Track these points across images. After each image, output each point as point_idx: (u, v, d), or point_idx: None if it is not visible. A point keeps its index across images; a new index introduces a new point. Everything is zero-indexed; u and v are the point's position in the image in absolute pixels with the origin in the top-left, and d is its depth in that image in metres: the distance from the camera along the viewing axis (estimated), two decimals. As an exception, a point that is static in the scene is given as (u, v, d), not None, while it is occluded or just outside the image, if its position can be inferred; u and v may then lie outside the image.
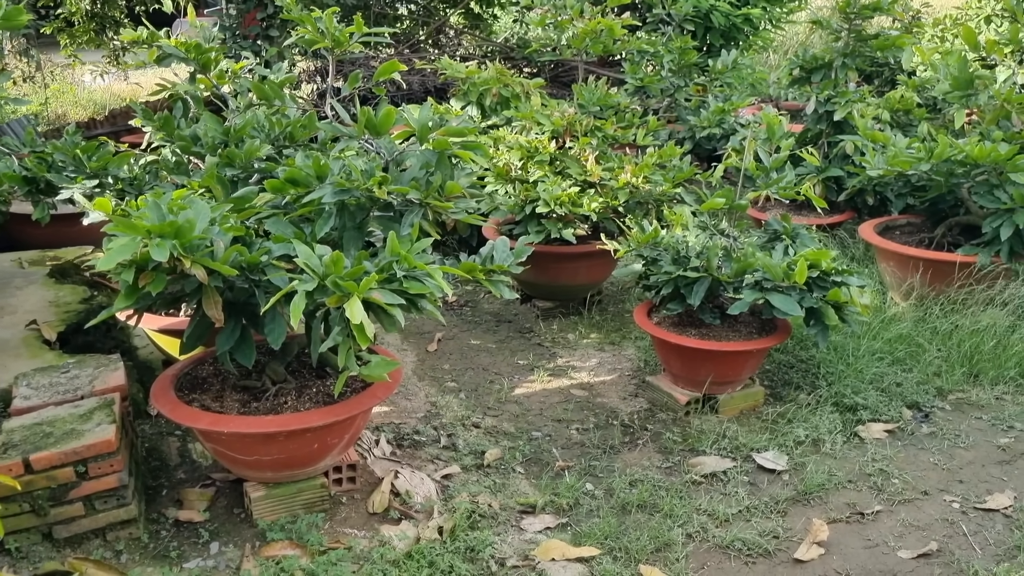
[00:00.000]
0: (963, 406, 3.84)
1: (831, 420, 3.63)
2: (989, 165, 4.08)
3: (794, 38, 10.54)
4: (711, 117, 5.77)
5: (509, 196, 4.55)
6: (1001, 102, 4.44)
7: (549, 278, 4.77)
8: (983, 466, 3.40)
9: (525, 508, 3.12)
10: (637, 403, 3.92)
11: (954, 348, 4.09)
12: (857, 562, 2.85)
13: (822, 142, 5.44)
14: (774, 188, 3.64)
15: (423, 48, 9.21)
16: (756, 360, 3.74)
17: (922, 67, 6.31)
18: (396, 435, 3.57)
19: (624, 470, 3.35)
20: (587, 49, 4.72)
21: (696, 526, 3.00)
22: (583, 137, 4.53)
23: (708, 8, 7.01)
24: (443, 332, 4.70)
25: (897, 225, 4.97)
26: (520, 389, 4.08)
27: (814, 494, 3.20)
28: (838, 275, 3.50)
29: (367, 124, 2.81)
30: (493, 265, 2.96)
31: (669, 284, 3.67)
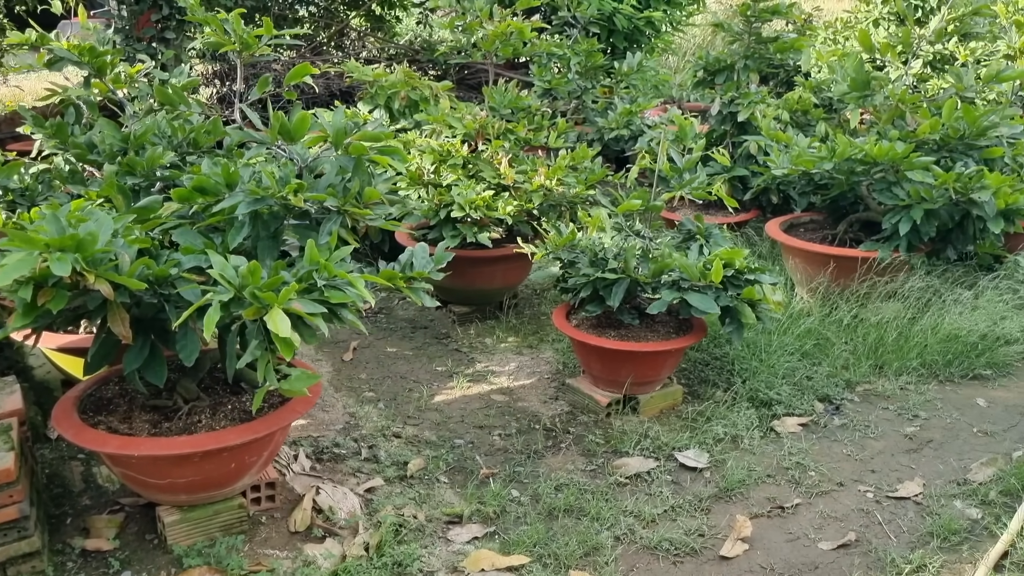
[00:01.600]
0: (871, 397, 3.97)
1: (748, 416, 3.70)
2: (887, 163, 4.23)
3: (692, 41, 10.76)
4: (619, 119, 5.83)
5: (423, 201, 4.49)
6: (896, 102, 4.62)
7: (465, 282, 4.72)
8: (892, 455, 3.52)
9: (451, 518, 3.07)
10: (558, 406, 3.91)
11: (860, 341, 4.23)
12: (780, 556, 2.90)
13: (727, 142, 5.56)
14: (687, 188, 3.69)
15: (326, 51, 9.03)
16: (675, 359, 3.78)
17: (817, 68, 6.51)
18: (315, 449, 3.47)
19: (549, 475, 3.34)
20: (497, 52, 4.70)
21: (623, 528, 3.01)
22: (496, 140, 4.50)
23: (611, 11, 7.08)
24: (358, 340, 4.60)
25: (801, 222, 5.11)
26: (440, 396, 4.02)
27: (735, 490, 3.25)
28: (751, 273, 3.57)
29: (281, 129, 2.71)
30: (413, 272, 2.91)
31: (588, 286, 3.67)
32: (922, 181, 4.15)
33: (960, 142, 4.42)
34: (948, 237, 4.45)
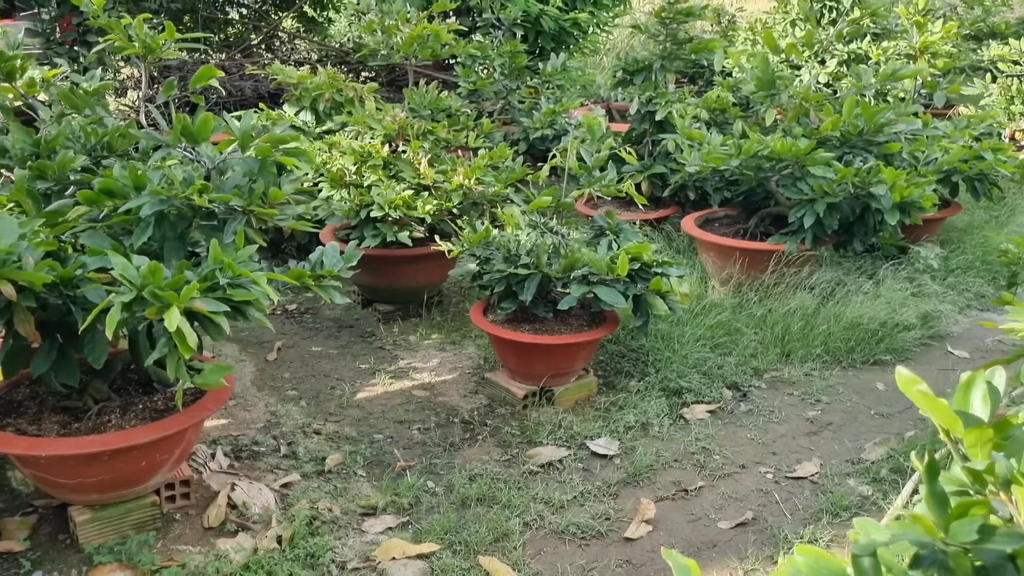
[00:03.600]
0: (777, 384, 4.14)
1: (659, 404, 3.83)
2: (791, 159, 4.41)
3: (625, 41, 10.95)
4: (543, 118, 5.95)
5: (344, 201, 4.55)
6: (800, 100, 4.81)
7: (388, 281, 4.80)
8: (794, 438, 3.68)
9: (366, 510, 3.14)
10: (477, 400, 4.01)
11: (768, 331, 4.40)
12: (682, 536, 3.03)
13: (646, 140, 5.71)
14: (597, 186, 3.81)
15: (257, 53, 9.00)
16: (588, 351, 3.90)
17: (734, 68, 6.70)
18: (234, 447, 3.51)
19: (464, 466, 3.43)
20: (416, 54, 4.78)
21: (533, 514, 3.11)
22: (415, 141, 4.58)
23: (538, 13, 7.21)
24: (283, 341, 4.65)
25: (716, 217, 5.28)
26: (362, 393, 4.09)
27: (643, 475, 3.38)
28: (659, 266, 3.71)
29: (183, 131, 2.76)
30: (323, 270, 2.98)
31: (501, 282, 3.77)
32: (824, 176, 4.33)
33: (860, 138, 4.62)
34: (851, 229, 4.65)
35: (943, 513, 1.06)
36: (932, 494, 1.08)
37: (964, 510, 1.03)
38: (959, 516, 1.03)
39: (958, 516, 1.03)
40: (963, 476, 1.15)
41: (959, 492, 1.12)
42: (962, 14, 9.10)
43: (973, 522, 1.00)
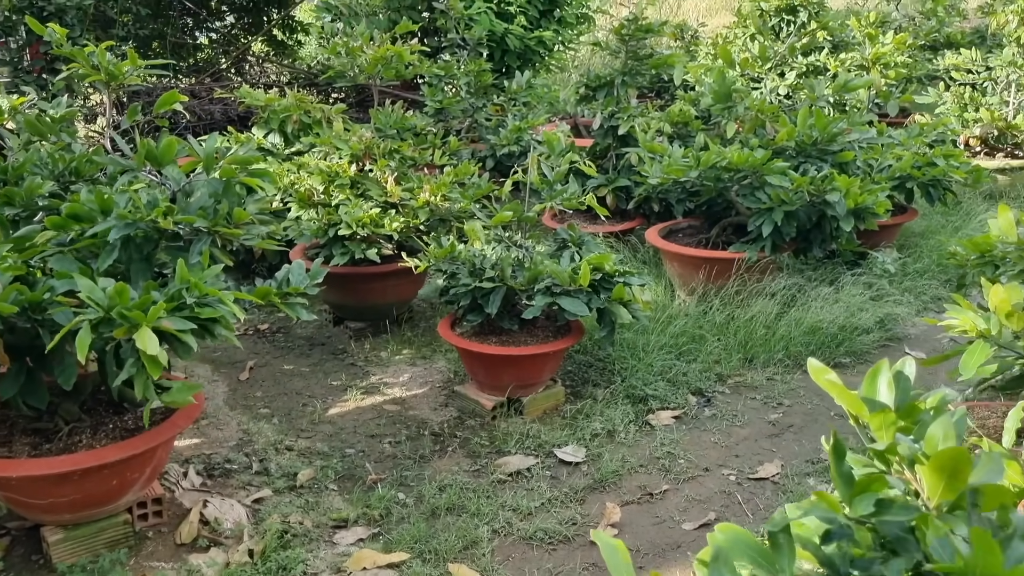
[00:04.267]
0: (740, 388, 4.24)
1: (625, 411, 3.92)
2: (749, 169, 4.53)
3: (592, 58, 11.10)
4: (509, 135, 6.05)
5: (312, 221, 4.62)
6: (756, 112, 4.94)
7: (359, 299, 4.86)
8: (756, 440, 3.78)
9: (338, 523, 3.20)
10: (447, 412, 4.08)
11: (731, 337, 4.50)
12: (647, 538, 3.11)
13: (610, 154, 5.82)
14: (559, 199, 3.90)
15: (226, 76, 9.07)
16: (555, 362, 3.99)
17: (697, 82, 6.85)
18: (206, 466, 3.56)
19: (434, 476, 3.49)
20: (380, 74, 4.87)
21: (502, 522, 3.18)
22: (382, 160, 4.67)
23: (503, 32, 7.33)
24: (255, 360, 4.70)
25: (680, 228, 5.39)
26: (334, 409, 4.14)
27: (609, 480, 3.46)
28: (621, 276, 3.80)
29: (148, 156, 2.83)
30: (289, 288, 3.04)
31: (467, 296, 3.85)
32: (780, 185, 4.46)
33: (814, 148, 4.75)
34: (810, 236, 4.78)
35: (849, 491, 1.15)
36: (839, 473, 1.17)
37: (865, 486, 1.11)
38: (860, 492, 1.11)
39: (859, 492, 1.11)
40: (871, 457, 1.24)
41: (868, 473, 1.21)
42: (919, 24, 9.33)
43: (871, 496, 1.09)
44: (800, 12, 7.78)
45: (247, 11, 9.52)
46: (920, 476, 1.20)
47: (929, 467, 1.15)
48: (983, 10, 9.61)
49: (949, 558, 0.95)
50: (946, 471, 1.14)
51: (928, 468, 1.16)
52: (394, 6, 7.47)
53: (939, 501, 1.17)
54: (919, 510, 1.06)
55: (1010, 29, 7.12)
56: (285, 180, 4.78)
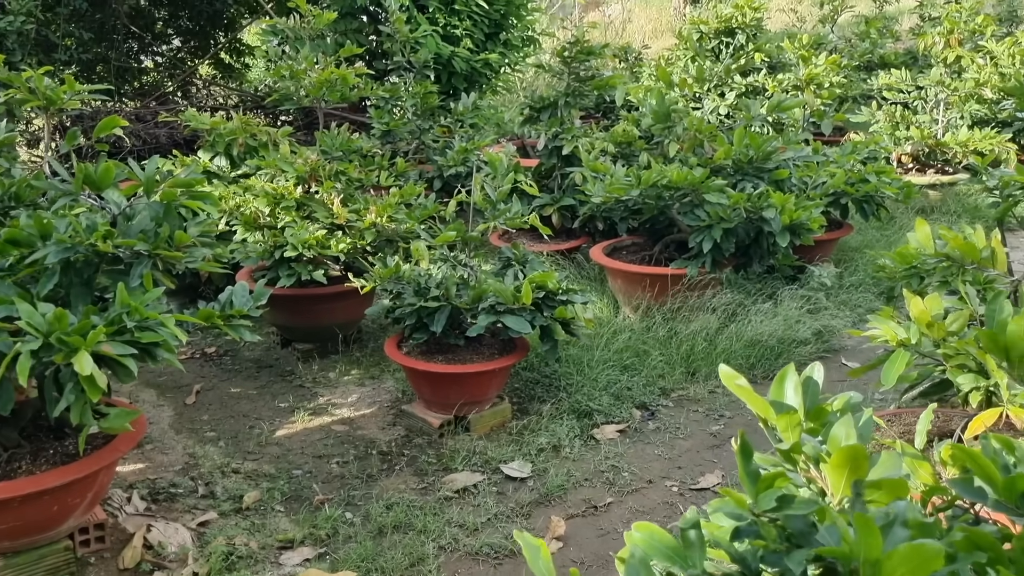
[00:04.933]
0: (683, 401, 4.33)
1: (570, 426, 3.98)
2: (688, 187, 4.65)
3: (537, 79, 11.25)
4: (456, 156, 6.11)
5: (259, 243, 4.63)
6: (694, 132, 5.08)
7: (306, 320, 4.87)
8: (698, 452, 3.86)
9: (284, 544, 3.20)
10: (395, 431, 4.10)
11: (674, 351, 4.60)
12: (591, 550, 3.17)
13: (555, 174, 5.92)
14: (502, 219, 3.97)
15: (172, 100, 9.03)
16: (500, 379, 4.04)
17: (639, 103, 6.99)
18: (151, 490, 3.54)
19: (381, 495, 3.51)
20: (325, 97, 4.91)
21: (448, 538, 3.21)
22: (327, 181, 4.70)
23: (449, 55, 7.41)
24: (202, 384, 4.67)
25: (624, 246, 5.50)
26: (281, 431, 4.14)
27: (555, 495, 3.51)
28: (564, 294, 3.87)
29: (86, 179, 2.83)
30: (233, 310, 3.06)
31: (413, 315, 3.89)
32: (718, 202, 4.58)
33: (751, 166, 4.90)
34: (749, 252, 4.91)
35: (754, 488, 1.21)
36: (747, 473, 1.23)
37: (769, 483, 1.18)
38: (765, 489, 1.18)
39: (764, 489, 1.18)
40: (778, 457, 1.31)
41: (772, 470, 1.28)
42: (854, 46, 9.63)
43: (774, 492, 1.16)
44: (738, 34, 8.01)
45: (194, 34, 9.49)
46: (824, 473, 1.27)
47: (831, 464, 1.23)
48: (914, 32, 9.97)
49: (836, 543, 1.02)
50: (846, 467, 1.21)
51: (830, 465, 1.23)
52: (341, 29, 7.52)
53: (841, 496, 1.24)
54: (818, 503, 1.13)
55: (937, 50, 7.40)
56: (231, 203, 4.78)
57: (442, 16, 7.50)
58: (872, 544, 0.95)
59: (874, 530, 0.95)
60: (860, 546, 0.96)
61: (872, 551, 0.95)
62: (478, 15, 7.69)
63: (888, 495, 1.22)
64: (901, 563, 0.94)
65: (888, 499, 1.23)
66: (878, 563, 0.95)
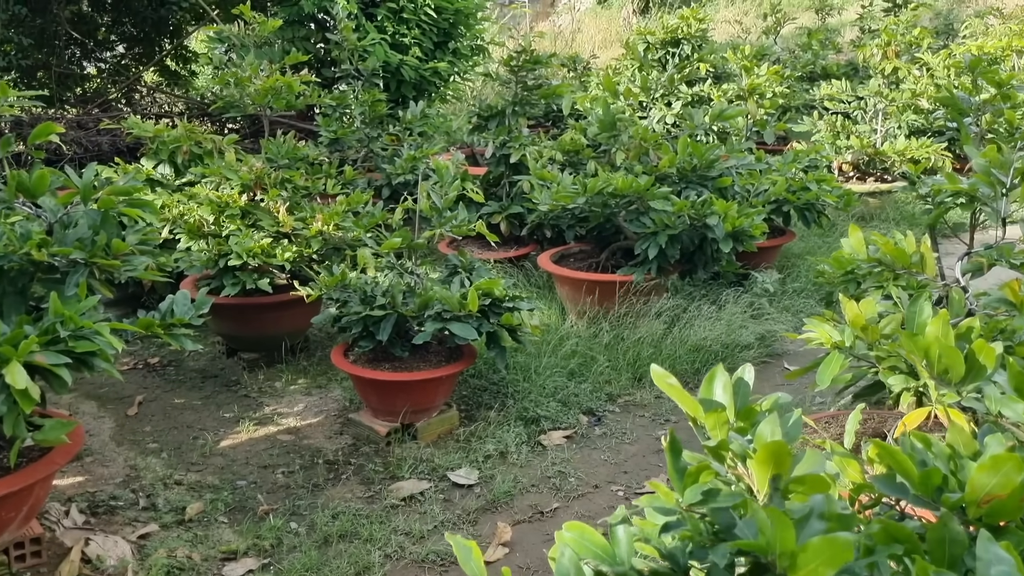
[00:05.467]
0: (630, 407, 4.37)
1: (517, 433, 3.99)
2: (634, 195, 4.71)
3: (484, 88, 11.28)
4: (404, 164, 6.10)
5: (203, 252, 4.57)
6: (639, 140, 5.14)
7: (252, 329, 4.82)
8: (644, 456, 3.90)
9: (227, 555, 3.16)
10: (342, 440, 4.08)
11: (621, 357, 4.64)
12: (537, 555, 3.18)
13: (504, 182, 5.95)
14: (448, 227, 3.98)
15: (116, 107, 8.88)
16: (448, 386, 4.04)
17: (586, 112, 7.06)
18: (90, 503, 3.47)
19: (327, 505, 3.49)
20: (271, 104, 4.88)
21: (394, 546, 3.20)
22: (273, 189, 4.66)
23: (398, 63, 7.41)
24: (145, 395, 4.60)
25: (571, 253, 5.54)
26: (226, 442, 4.09)
27: (501, 501, 3.52)
28: (510, 301, 3.89)
29: (19, 187, 2.78)
30: (173, 319, 3.02)
31: (359, 323, 3.88)
32: (663, 210, 4.64)
33: (694, 174, 4.97)
34: (694, 259, 4.98)
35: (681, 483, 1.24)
36: (675, 469, 1.26)
37: (695, 477, 1.21)
38: (691, 483, 1.21)
39: (690, 483, 1.20)
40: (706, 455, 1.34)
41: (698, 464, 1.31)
42: (796, 57, 9.83)
43: (700, 487, 1.18)
44: (684, 45, 8.14)
45: (138, 41, 9.35)
46: (750, 470, 1.30)
47: (756, 460, 1.26)
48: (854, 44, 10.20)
49: (753, 536, 1.05)
50: (771, 463, 1.24)
51: (755, 461, 1.26)
52: (288, 37, 7.47)
53: (767, 491, 1.27)
54: (741, 496, 1.16)
55: (875, 62, 7.59)
56: (175, 211, 4.72)
57: (391, 24, 7.50)
58: (786, 536, 0.97)
59: (788, 523, 0.98)
60: (776, 539, 0.98)
61: (787, 543, 0.98)
62: (427, 24, 7.71)
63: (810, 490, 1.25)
64: (815, 555, 0.97)
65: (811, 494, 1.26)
66: (793, 555, 0.98)
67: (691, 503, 1.17)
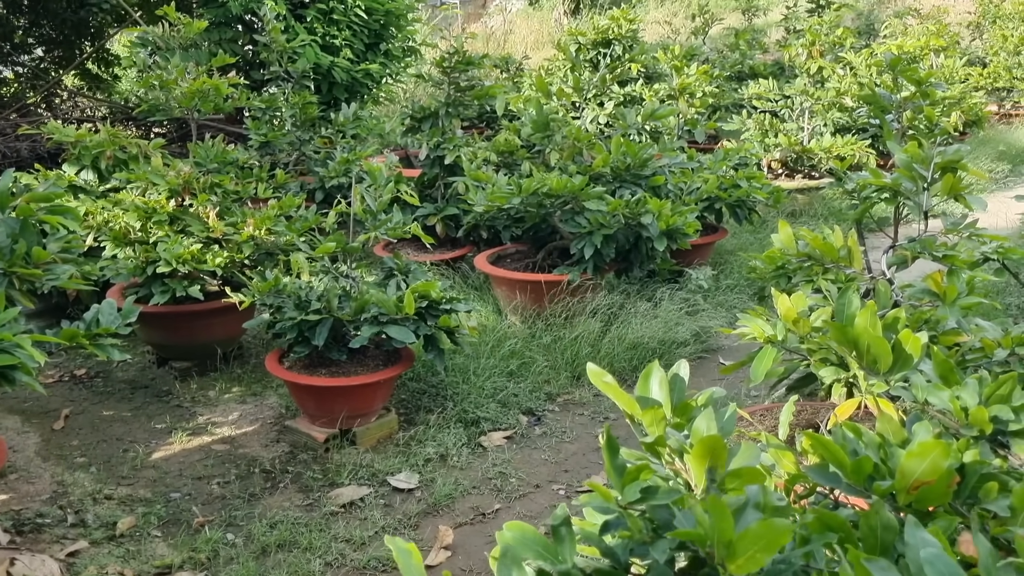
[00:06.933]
0: (569, 406, 4.39)
1: (457, 435, 3.97)
2: (569, 195, 4.73)
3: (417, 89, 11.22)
4: (338, 168, 6.03)
5: (129, 259, 4.45)
6: (573, 140, 5.17)
7: (183, 337, 4.71)
8: (584, 455, 3.92)
9: (161, 570, 3.08)
10: (279, 448, 4.01)
11: (559, 356, 4.66)
12: (479, 557, 3.17)
13: (439, 184, 5.92)
14: (382, 229, 3.94)
15: (35, 112, 8.59)
16: (386, 390, 4.00)
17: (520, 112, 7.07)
18: (15, 522, 3.35)
19: (265, 514, 3.43)
20: (198, 108, 4.77)
21: (335, 554, 3.16)
22: (202, 194, 4.56)
23: (329, 65, 7.32)
24: (71, 408, 4.46)
25: (508, 254, 5.54)
26: (158, 453, 3.99)
27: (442, 504, 3.50)
28: (447, 303, 3.87)
29: (-68, 195, 2.67)
30: (99, 328, 2.93)
31: (294, 328, 3.82)
32: (598, 209, 4.67)
33: (628, 173, 5.02)
34: (629, 257, 5.02)
35: (620, 481, 1.24)
36: (613, 467, 1.26)
37: (635, 476, 1.21)
38: (630, 481, 1.21)
39: (629, 481, 1.21)
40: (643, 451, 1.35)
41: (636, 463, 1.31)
42: (725, 57, 10.01)
43: (639, 484, 1.18)
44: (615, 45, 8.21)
45: (58, 44, 9.06)
46: (688, 465, 1.31)
47: (693, 455, 1.27)
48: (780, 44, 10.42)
49: (691, 526, 1.05)
50: (706, 457, 1.25)
51: (692, 456, 1.27)
52: (214, 39, 7.32)
53: (704, 485, 1.28)
54: (679, 492, 1.16)
55: (800, 61, 7.77)
56: (99, 218, 4.59)
57: (320, 26, 7.40)
58: (724, 525, 0.98)
59: (725, 511, 0.98)
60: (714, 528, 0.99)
61: (725, 532, 0.98)
62: (357, 25, 7.63)
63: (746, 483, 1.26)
64: (753, 541, 0.98)
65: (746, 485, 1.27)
66: (731, 543, 0.99)
67: (630, 501, 1.17)
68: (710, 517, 0.99)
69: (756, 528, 0.97)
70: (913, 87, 4.04)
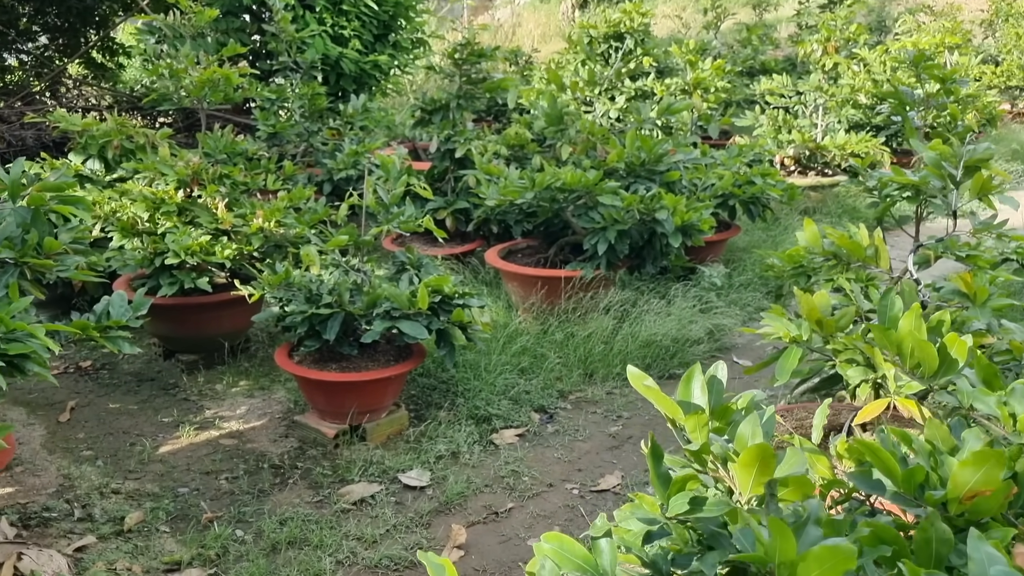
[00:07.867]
0: (581, 403, 4.33)
1: (468, 432, 3.92)
2: (582, 189, 4.67)
3: (428, 81, 11.16)
4: (346, 159, 5.97)
5: (137, 250, 4.40)
6: (587, 135, 5.10)
7: (190, 330, 4.66)
8: (597, 453, 3.86)
9: (170, 566, 3.03)
10: (288, 443, 3.95)
11: (571, 353, 4.60)
12: (493, 557, 3.12)
13: (449, 177, 5.86)
14: (395, 223, 3.88)
15: (40, 100, 8.53)
16: (397, 386, 3.94)
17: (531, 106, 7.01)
18: (22, 515, 3.30)
19: (274, 511, 3.37)
20: (207, 98, 4.71)
21: (346, 552, 3.11)
22: (211, 185, 4.50)
23: (337, 56, 7.25)
24: (77, 400, 4.41)
25: (519, 249, 5.48)
26: (165, 447, 3.94)
27: (454, 502, 3.44)
28: (460, 298, 3.81)
29: (-59, 183, 2.61)
30: (109, 321, 2.88)
31: (304, 322, 3.76)
32: (612, 204, 4.61)
33: (643, 168, 4.96)
34: (643, 253, 4.96)
35: (666, 491, 1.18)
36: (657, 476, 1.20)
37: (681, 486, 1.15)
38: (676, 492, 1.15)
39: (675, 492, 1.15)
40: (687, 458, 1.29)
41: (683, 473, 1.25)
42: (736, 52, 9.93)
43: (686, 495, 1.13)
44: (627, 39, 8.13)
45: (63, 32, 9.00)
46: (732, 473, 1.25)
47: (739, 464, 1.21)
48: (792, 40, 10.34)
49: (751, 547, 1.00)
50: (754, 466, 1.19)
51: (738, 465, 1.21)
52: (223, 28, 7.26)
53: (750, 495, 1.23)
54: (730, 505, 1.11)
55: (815, 57, 7.69)
56: (106, 208, 4.53)
57: (330, 16, 7.34)
58: (787, 547, 0.93)
59: (788, 533, 0.93)
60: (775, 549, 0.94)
61: (787, 554, 0.93)
62: (367, 16, 7.56)
63: (795, 492, 1.21)
64: (816, 564, 0.93)
65: (795, 496, 1.22)
66: (793, 565, 0.93)
67: (678, 513, 1.11)
68: (771, 536, 0.94)
69: (820, 551, 0.92)
70: (937, 84, 3.97)
